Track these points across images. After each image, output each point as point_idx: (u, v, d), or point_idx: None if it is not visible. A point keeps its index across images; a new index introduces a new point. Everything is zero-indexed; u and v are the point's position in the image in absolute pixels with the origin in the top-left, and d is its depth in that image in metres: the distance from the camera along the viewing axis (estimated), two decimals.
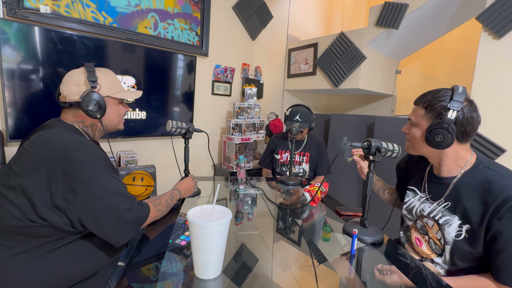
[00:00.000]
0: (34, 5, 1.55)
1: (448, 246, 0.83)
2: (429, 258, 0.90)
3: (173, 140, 1.61)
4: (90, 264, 0.81)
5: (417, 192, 0.98)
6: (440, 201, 0.88)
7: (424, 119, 0.84)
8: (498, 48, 1.55)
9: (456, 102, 0.76)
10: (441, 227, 0.86)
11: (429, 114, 0.82)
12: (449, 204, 0.85)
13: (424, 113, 0.84)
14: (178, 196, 1.09)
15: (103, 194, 0.73)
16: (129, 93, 1.01)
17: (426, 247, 0.91)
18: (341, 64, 2.50)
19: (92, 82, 0.85)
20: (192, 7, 2.25)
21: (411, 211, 0.98)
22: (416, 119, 0.87)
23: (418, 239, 0.94)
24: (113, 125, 0.98)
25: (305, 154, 1.88)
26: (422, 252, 0.92)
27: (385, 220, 1.13)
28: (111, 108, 0.94)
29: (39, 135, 0.78)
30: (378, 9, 2.24)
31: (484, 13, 1.57)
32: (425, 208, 0.92)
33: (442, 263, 0.86)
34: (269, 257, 0.80)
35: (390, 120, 2.12)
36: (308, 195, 1.27)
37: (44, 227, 0.72)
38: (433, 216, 0.89)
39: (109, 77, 0.93)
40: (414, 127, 0.88)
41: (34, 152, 0.75)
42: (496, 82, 1.56)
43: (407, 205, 1.00)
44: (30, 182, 0.71)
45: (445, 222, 0.85)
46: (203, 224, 0.61)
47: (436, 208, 0.88)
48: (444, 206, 0.86)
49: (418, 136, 0.86)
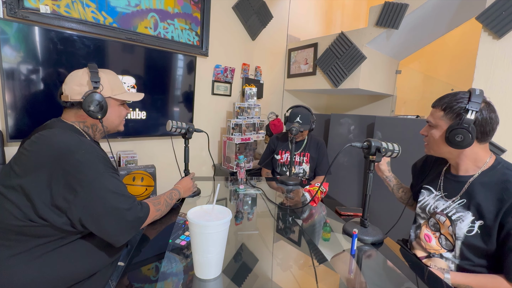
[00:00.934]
0: (34, 5, 1.55)
1: (459, 242, 0.85)
2: (437, 254, 0.92)
3: (173, 140, 1.61)
4: (90, 264, 0.82)
5: (432, 191, 1.00)
6: (456, 199, 0.90)
7: (443, 120, 0.86)
8: (498, 48, 1.55)
9: (474, 103, 0.78)
10: (453, 223, 0.87)
11: (448, 115, 0.84)
12: (464, 201, 0.87)
13: (443, 114, 0.86)
14: (178, 196, 1.09)
15: (104, 194, 0.73)
16: (131, 95, 1.01)
17: (435, 243, 0.93)
18: (341, 64, 2.50)
19: (95, 83, 0.86)
20: (192, 7, 2.25)
21: (424, 209, 1.00)
22: (435, 121, 0.88)
23: (427, 235, 0.95)
24: (113, 126, 0.98)
25: (305, 154, 1.88)
26: (430, 248, 0.93)
27: (385, 220, 1.14)
28: (113, 109, 0.94)
29: (40, 135, 0.78)
30: (378, 9, 2.24)
31: (484, 13, 1.57)
32: (439, 205, 0.94)
33: (452, 258, 0.88)
34: (269, 257, 0.80)
35: (390, 120, 2.12)
36: (308, 195, 1.27)
37: (44, 227, 0.72)
38: (446, 213, 0.90)
39: (112, 78, 0.94)
40: (433, 129, 0.90)
41: (35, 152, 0.75)
42: (496, 82, 1.56)
43: (421, 203, 1.02)
44: (30, 182, 0.71)
45: (458, 218, 0.86)
46: (203, 224, 0.61)
47: (450, 205, 0.90)
48: (459, 203, 0.88)
49: (437, 137, 0.88)
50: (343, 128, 2.49)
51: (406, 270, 0.76)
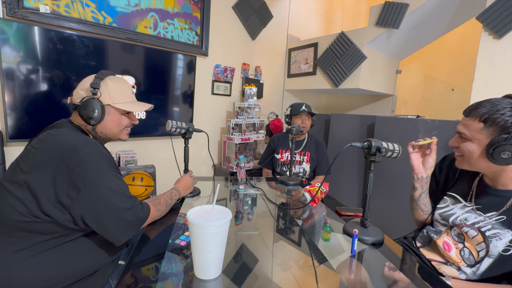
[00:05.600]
0: (33, 5, 1.55)
1: (490, 260, 0.79)
2: (455, 265, 0.87)
3: (173, 140, 1.61)
4: (91, 262, 0.82)
5: (460, 200, 0.92)
6: (492, 215, 0.83)
7: (483, 134, 0.76)
8: (498, 48, 1.55)
9: None
10: (486, 239, 0.81)
11: (490, 128, 0.75)
12: (504, 218, 0.80)
13: (482, 127, 0.76)
14: (178, 195, 1.09)
15: (105, 193, 0.74)
16: (134, 106, 0.97)
17: (455, 253, 0.88)
18: (341, 64, 2.50)
19: (93, 89, 0.86)
20: (192, 6, 2.24)
21: (447, 218, 0.93)
22: (471, 134, 0.79)
23: (447, 243, 0.90)
24: (112, 134, 0.96)
25: (306, 153, 1.88)
26: (448, 257, 0.89)
27: (385, 220, 1.13)
28: (112, 117, 0.92)
29: (48, 133, 0.80)
30: (378, 9, 2.23)
31: (484, 13, 1.57)
32: (469, 218, 0.87)
33: (471, 274, 0.82)
34: (269, 257, 0.80)
35: (390, 120, 2.12)
36: (308, 195, 1.27)
37: (48, 223, 0.73)
38: (478, 227, 0.83)
39: (117, 86, 0.91)
40: (467, 141, 0.81)
41: (42, 149, 0.77)
42: (496, 82, 1.56)
43: (443, 211, 0.95)
44: (35, 178, 0.73)
45: (493, 235, 0.80)
46: (203, 224, 0.61)
47: (485, 220, 0.83)
48: (498, 220, 0.81)
49: (476, 152, 0.79)
50: (343, 128, 2.49)
51: (406, 270, 0.76)
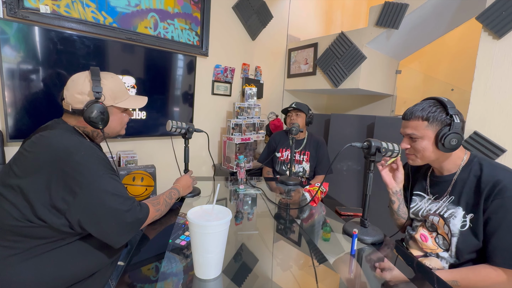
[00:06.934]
0: (34, 5, 1.55)
1: (454, 239, 0.87)
2: (434, 253, 0.93)
3: (173, 140, 1.61)
4: (89, 264, 0.81)
5: (424, 196, 1.03)
6: (445, 197, 0.94)
7: (430, 129, 0.89)
8: (498, 48, 1.55)
9: (453, 109, 0.86)
10: (446, 221, 0.90)
11: (433, 124, 0.88)
12: (453, 198, 0.91)
13: (427, 124, 0.88)
14: (177, 195, 1.09)
15: (103, 196, 0.73)
16: (134, 102, 0.98)
17: (432, 242, 0.94)
18: (341, 64, 2.50)
19: (97, 93, 0.84)
20: (192, 7, 2.25)
21: (417, 214, 1.02)
22: (421, 132, 0.90)
23: (423, 235, 0.97)
24: (115, 132, 0.97)
25: (305, 153, 1.88)
26: (426, 247, 0.95)
27: (385, 220, 1.13)
28: (115, 117, 0.93)
29: (40, 136, 0.78)
30: (378, 9, 2.23)
31: (484, 13, 1.57)
32: (432, 207, 0.97)
33: (448, 257, 0.90)
34: (269, 257, 0.80)
35: (390, 120, 2.12)
36: (308, 195, 1.27)
37: (43, 228, 0.72)
38: (438, 212, 0.93)
39: (114, 85, 0.91)
40: (419, 139, 0.91)
41: (34, 153, 0.75)
42: (496, 82, 1.56)
43: (414, 209, 1.04)
44: (29, 183, 0.71)
45: (450, 215, 0.90)
46: (203, 224, 0.61)
47: (442, 205, 0.94)
48: (449, 201, 0.92)
49: (429, 146, 0.90)
50: (343, 128, 2.49)
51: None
